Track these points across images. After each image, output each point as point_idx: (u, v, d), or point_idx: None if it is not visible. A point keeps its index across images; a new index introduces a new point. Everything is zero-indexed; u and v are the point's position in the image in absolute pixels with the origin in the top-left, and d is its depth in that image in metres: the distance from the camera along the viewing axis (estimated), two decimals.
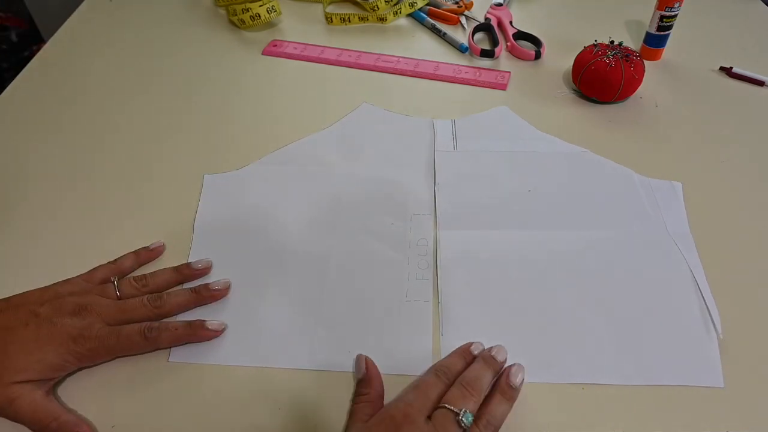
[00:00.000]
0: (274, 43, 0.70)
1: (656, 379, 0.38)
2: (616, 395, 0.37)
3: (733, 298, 0.42)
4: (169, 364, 0.39)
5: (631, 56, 0.58)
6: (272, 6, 0.70)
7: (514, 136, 0.56)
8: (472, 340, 0.39)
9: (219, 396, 0.37)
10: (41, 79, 0.64)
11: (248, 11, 0.69)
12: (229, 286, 0.43)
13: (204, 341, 0.40)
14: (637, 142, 0.56)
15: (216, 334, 0.40)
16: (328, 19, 0.73)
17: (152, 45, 0.69)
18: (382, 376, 0.38)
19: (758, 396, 0.37)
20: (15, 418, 0.34)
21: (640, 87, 0.60)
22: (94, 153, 0.54)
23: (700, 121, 0.59)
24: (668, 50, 0.67)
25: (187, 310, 0.41)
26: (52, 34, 0.71)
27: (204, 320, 0.40)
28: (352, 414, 0.36)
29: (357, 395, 0.37)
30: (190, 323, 0.39)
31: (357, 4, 0.76)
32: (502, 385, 0.36)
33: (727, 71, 0.65)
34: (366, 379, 0.37)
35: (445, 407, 0.34)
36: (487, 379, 0.37)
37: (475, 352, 0.39)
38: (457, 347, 0.39)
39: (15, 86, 0.63)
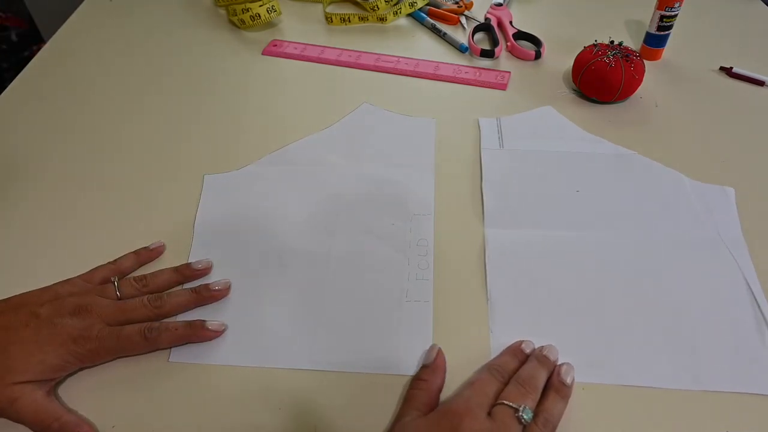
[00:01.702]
0: (274, 43, 0.70)
1: (710, 385, 0.38)
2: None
3: None
4: (169, 364, 0.39)
5: (631, 56, 0.58)
6: (272, 6, 0.70)
7: (560, 136, 0.56)
8: (521, 339, 0.40)
9: (219, 396, 0.37)
10: (41, 79, 0.64)
11: (248, 11, 0.69)
12: (230, 286, 0.43)
13: (204, 341, 0.40)
14: (637, 142, 0.56)
15: (216, 334, 0.40)
16: (328, 19, 0.73)
17: (152, 45, 0.69)
18: (382, 376, 0.38)
19: None
20: (16, 419, 0.34)
21: (640, 87, 0.60)
22: (94, 153, 0.54)
23: (700, 121, 0.59)
24: (668, 50, 0.67)
25: (187, 311, 0.41)
26: (52, 34, 0.71)
27: (204, 320, 0.40)
28: (408, 399, 0.36)
29: (417, 380, 0.37)
30: (190, 323, 0.39)
31: (357, 4, 0.76)
32: (555, 383, 0.37)
33: (727, 71, 0.65)
34: (432, 367, 0.37)
35: (505, 404, 0.34)
36: (542, 377, 0.37)
37: (527, 351, 0.39)
38: (507, 346, 0.39)
39: (15, 86, 0.63)
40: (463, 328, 0.41)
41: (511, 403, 0.34)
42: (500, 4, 0.75)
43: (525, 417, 0.34)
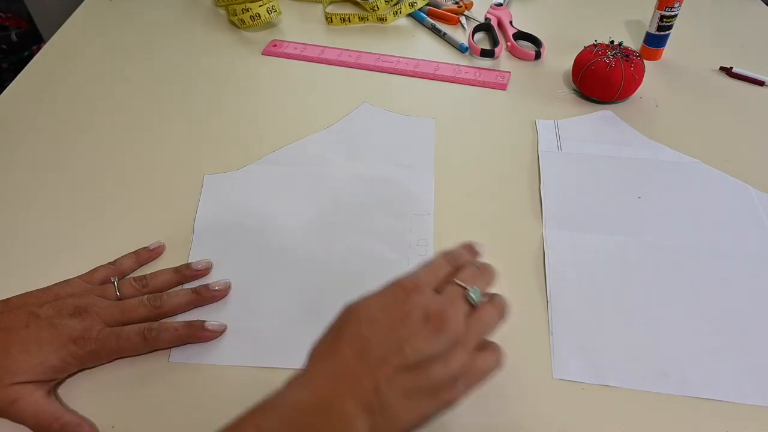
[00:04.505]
0: (274, 43, 0.70)
1: None
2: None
3: None
4: (169, 364, 0.39)
5: (631, 56, 0.58)
6: (272, 6, 0.70)
7: (620, 141, 0.56)
8: (583, 342, 0.39)
9: (219, 396, 0.37)
10: (41, 79, 0.64)
11: (248, 11, 0.69)
12: (229, 286, 0.43)
13: (204, 341, 0.40)
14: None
15: (216, 334, 0.40)
16: (328, 19, 0.73)
17: (152, 45, 0.69)
18: None
19: None
20: (17, 419, 0.34)
21: (640, 87, 0.60)
22: (95, 153, 0.54)
23: (700, 121, 0.59)
24: (668, 50, 0.67)
25: (187, 311, 0.41)
26: (52, 34, 0.71)
27: (204, 321, 0.40)
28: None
29: None
30: (190, 324, 0.39)
31: (357, 4, 0.76)
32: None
33: (727, 71, 0.65)
34: None
35: (455, 281, 0.34)
36: (494, 269, 0.36)
37: (480, 249, 0.37)
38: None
39: (15, 86, 0.63)
40: None
41: (461, 282, 0.34)
42: (500, 4, 0.75)
43: (473, 296, 0.33)
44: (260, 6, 0.70)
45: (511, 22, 0.72)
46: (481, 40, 0.71)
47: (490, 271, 0.36)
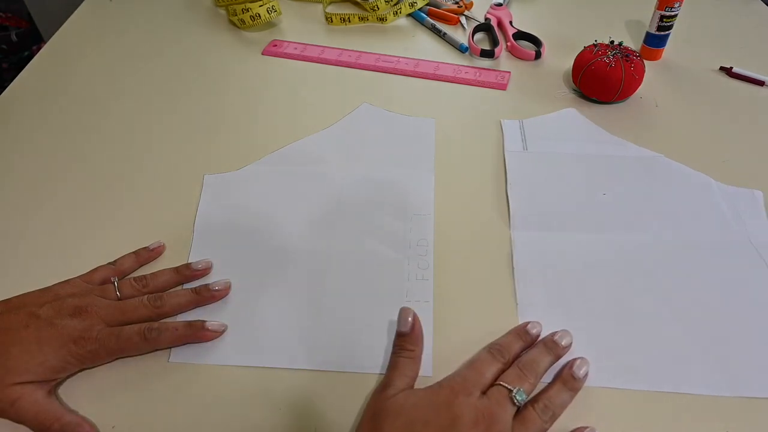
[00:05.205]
0: (274, 43, 0.70)
1: (744, 391, 0.37)
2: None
3: None
4: (169, 364, 0.39)
5: (631, 56, 0.58)
6: (272, 6, 0.70)
7: (584, 138, 0.56)
8: None
9: (219, 396, 0.37)
10: (41, 79, 0.64)
11: (248, 11, 0.69)
12: (230, 286, 0.43)
13: (204, 342, 0.40)
14: (637, 142, 0.56)
15: (216, 335, 0.40)
16: (328, 19, 0.73)
17: (152, 45, 0.69)
18: (383, 376, 0.37)
19: None
20: (17, 419, 0.34)
21: (640, 87, 0.60)
22: (95, 153, 0.54)
23: (700, 121, 0.59)
24: (668, 50, 0.67)
25: (187, 311, 0.41)
26: (52, 34, 0.71)
27: (204, 321, 0.40)
28: (396, 366, 0.36)
29: (401, 349, 0.37)
30: (190, 324, 0.39)
31: (357, 4, 0.76)
32: (564, 374, 0.37)
33: (727, 71, 0.65)
34: (414, 335, 0.37)
35: (500, 384, 0.34)
36: (545, 363, 0.37)
37: (532, 331, 0.39)
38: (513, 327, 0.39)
39: (15, 86, 0.63)
40: (464, 329, 0.41)
41: (506, 385, 0.34)
42: (500, 4, 0.75)
43: (518, 398, 0.34)
44: (260, 6, 0.70)
45: (511, 22, 0.72)
46: (481, 40, 0.71)
47: (536, 369, 0.36)
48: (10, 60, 1.40)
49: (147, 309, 0.39)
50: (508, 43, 0.69)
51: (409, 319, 0.38)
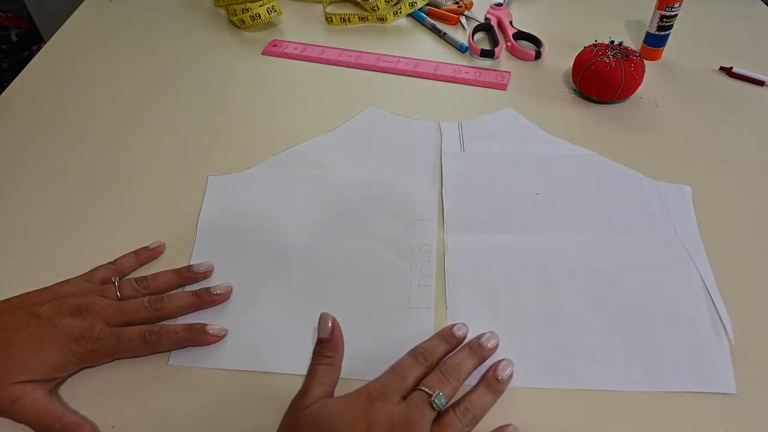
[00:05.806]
0: (274, 43, 0.70)
1: (666, 386, 0.37)
2: (620, 401, 0.37)
3: (744, 304, 0.42)
4: (168, 367, 0.39)
5: (631, 56, 0.58)
6: (272, 6, 0.70)
7: (521, 138, 0.56)
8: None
9: (219, 400, 0.37)
10: (41, 79, 0.64)
11: (248, 11, 0.69)
12: (231, 290, 0.43)
13: (205, 345, 0.40)
14: (637, 142, 0.56)
15: (217, 339, 0.40)
16: (328, 19, 0.73)
17: (152, 45, 0.69)
18: None
19: None
20: (18, 419, 0.34)
21: (640, 87, 0.60)
22: (96, 153, 0.54)
23: (700, 121, 0.59)
24: (668, 50, 0.67)
25: (187, 314, 0.41)
26: (52, 34, 0.71)
27: (205, 324, 0.40)
28: (314, 375, 0.36)
29: (320, 356, 0.37)
30: (190, 327, 0.39)
31: (357, 4, 0.76)
32: (488, 377, 0.36)
33: (727, 71, 0.65)
34: (333, 342, 0.37)
35: (421, 389, 0.34)
36: (468, 366, 0.36)
37: (458, 333, 0.38)
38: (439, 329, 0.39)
39: (15, 86, 0.63)
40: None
41: (426, 389, 0.34)
42: (500, 4, 0.75)
43: (437, 402, 0.33)
44: (260, 6, 0.70)
45: (511, 22, 0.72)
46: (481, 40, 0.71)
47: (459, 372, 0.36)
48: (10, 60, 1.40)
49: (147, 311, 0.39)
50: (508, 43, 0.69)
51: (329, 324, 0.37)
